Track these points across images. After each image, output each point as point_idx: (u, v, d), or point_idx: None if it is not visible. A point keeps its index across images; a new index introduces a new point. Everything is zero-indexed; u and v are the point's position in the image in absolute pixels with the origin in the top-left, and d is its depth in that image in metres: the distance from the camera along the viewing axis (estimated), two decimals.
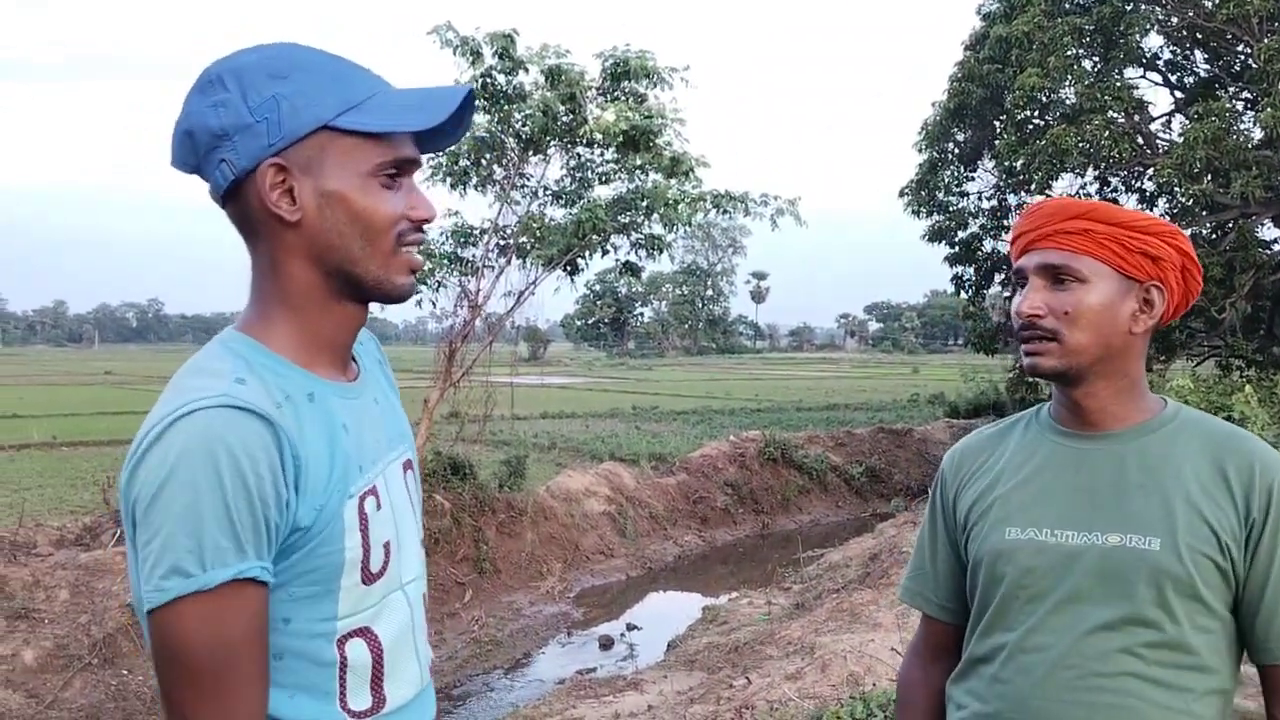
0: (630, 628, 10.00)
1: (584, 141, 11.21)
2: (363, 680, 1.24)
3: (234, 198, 1.22)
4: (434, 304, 11.42)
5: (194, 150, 1.21)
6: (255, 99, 1.17)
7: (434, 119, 1.22)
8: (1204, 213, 15.66)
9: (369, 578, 1.23)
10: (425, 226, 1.28)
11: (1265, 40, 14.57)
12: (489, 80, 10.65)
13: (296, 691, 1.19)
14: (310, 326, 1.24)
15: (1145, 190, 18.80)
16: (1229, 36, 15.93)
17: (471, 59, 10.53)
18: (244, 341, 1.22)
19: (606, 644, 9.42)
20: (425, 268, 10.44)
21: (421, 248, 1.33)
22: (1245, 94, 16.79)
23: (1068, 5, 16.59)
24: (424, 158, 1.32)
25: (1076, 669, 1.46)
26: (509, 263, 11.51)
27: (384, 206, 1.22)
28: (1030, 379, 18.78)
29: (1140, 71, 18.05)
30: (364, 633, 1.24)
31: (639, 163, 11.10)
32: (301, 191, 1.19)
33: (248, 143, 1.17)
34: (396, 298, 1.27)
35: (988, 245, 20.19)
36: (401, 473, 1.35)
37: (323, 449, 1.19)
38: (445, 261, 11.32)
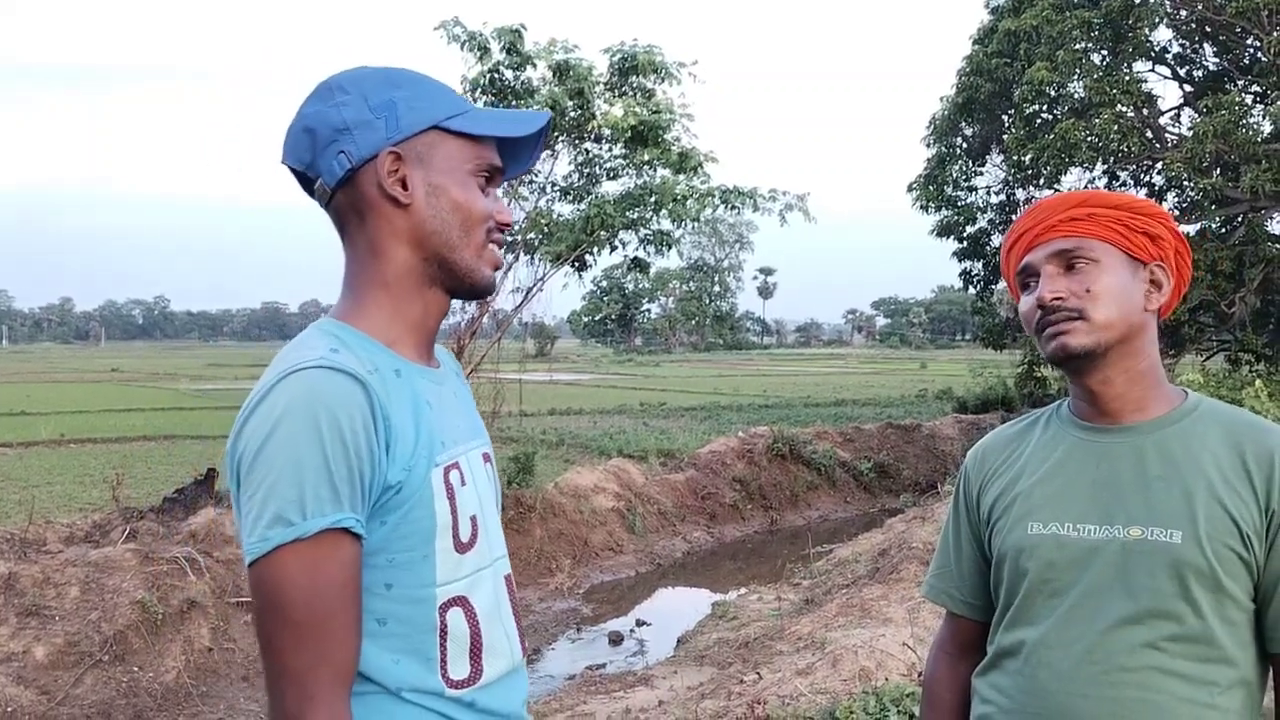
0: (640, 623, 9.99)
1: (592, 137, 11.20)
2: (462, 649, 1.32)
3: (345, 186, 1.34)
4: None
5: (311, 146, 1.34)
6: (375, 100, 1.34)
7: (524, 130, 1.40)
8: (1213, 207, 15.59)
9: (460, 546, 1.32)
10: (506, 229, 1.44)
11: (1275, 34, 14.51)
12: (496, 75, 10.64)
13: (401, 656, 1.27)
14: (401, 309, 1.37)
15: (1154, 184, 18.74)
16: (1238, 30, 15.85)
17: (479, 54, 10.52)
18: (336, 325, 1.34)
19: (616, 640, 9.41)
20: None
21: None
22: (1255, 87, 16.72)
23: None
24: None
25: (1100, 664, 1.45)
26: (517, 259, 11.51)
27: (480, 203, 1.38)
28: (1039, 375, 18.79)
29: (1149, 65, 17.98)
30: (462, 602, 1.32)
31: (647, 158, 11.09)
32: (413, 180, 1.34)
33: (367, 135, 1.32)
34: (482, 288, 1.42)
35: (996, 240, 20.12)
36: (482, 462, 1.45)
37: (408, 417, 1.28)
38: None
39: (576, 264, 11.67)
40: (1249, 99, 16.39)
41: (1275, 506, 1.43)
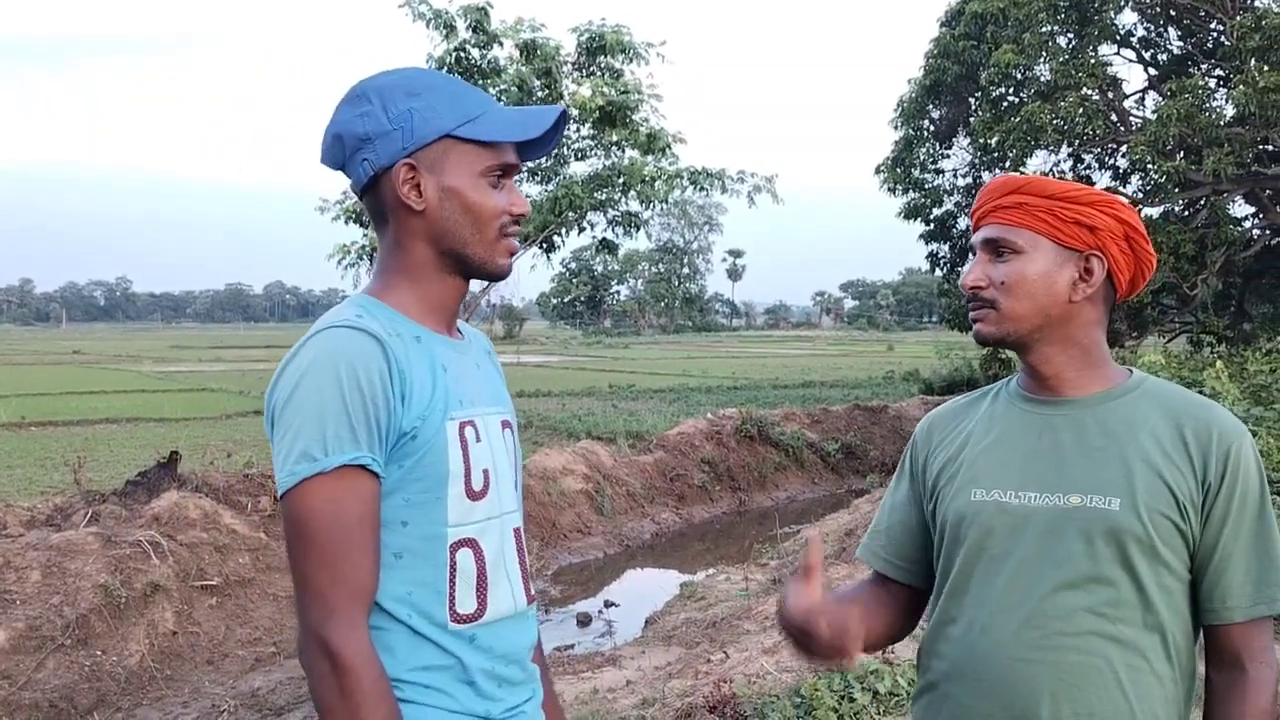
0: (608, 605, 10.00)
1: None
2: (470, 585, 1.47)
3: (371, 190, 1.51)
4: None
5: (341, 151, 1.51)
6: (394, 110, 1.47)
7: (533, 132, 1.51)
8: (1176, 190, 15.74)
9: (472, 494, 1.47)
10: (521, 219, 1.57)
11: (1238, 17, 14.65)
12: (463, 54, 10.57)
13: (414, 588, 1.43)
14: (422, 291, 1.52)
15: (1118, 167, 18.89)
16: (1202, 14, 15.99)
17: (445, 32, 10.44)
18: (365, 299, 1.51)
19: (584, 621, 9.42)
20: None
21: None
22: (1218, 71, 16.88)
23: None
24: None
25: (1041, 629, 1.49)
26: None
27: (490, 202, 1.51)
28: (1003, 356, 18.93)
29: (1114, 48, 18.11)
30: (471, 544, 1.47)
31: (615, 139, 11.07)
32: (426, 186, 1.48)
33: (386, 145, 1.47)
34: (497, 275, 1.56)
35: (963, 222, 20.22)
36: (500, 428, 1.59)
37: (425, 374, 1.44)
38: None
39: (545, 245, 11.64)
40: (1212, 83, 16.55)
41: (1212, 479, 1.47)
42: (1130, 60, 18.58)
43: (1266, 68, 14.01)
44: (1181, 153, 15.43)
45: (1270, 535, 1.49)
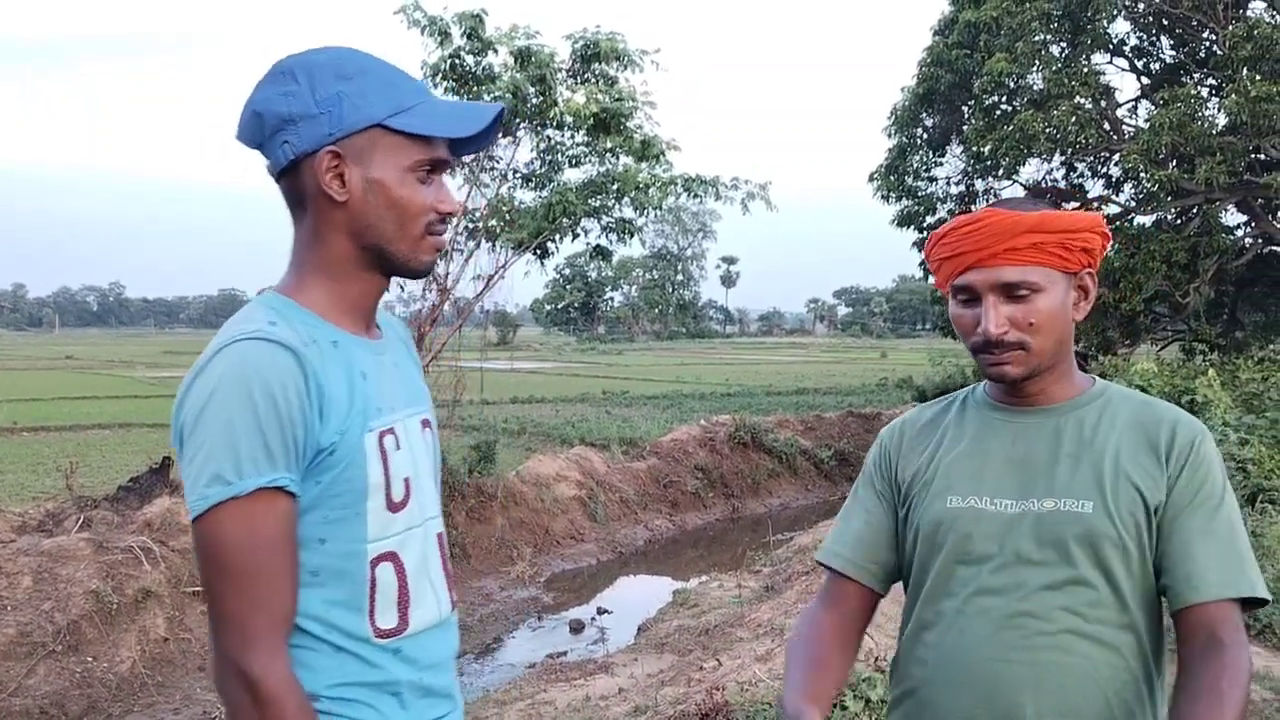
0: (601, 611, 9.99)
1: (554, 124, 11.15)
2: (390, 601, 1.41)
3: (290, 174, 1.41)
4: (402, 288, 11.32)
5: (260, 129, 1.40)
6: (322, 93, 1.37)
7: (468, 129, 1.44)
8: (1169, 198, 15.80)
9: (392, 506, 1.41)
10: (449, 217, 1.48)
11: (1230, 27, 14.71)
12: (457, 61, 10.57)
13: (333, 606, 1.37)
14: (340, 289, 1.44)
15: (1111, 176, 18.95)
16: (1194, 23, 16.06)
17: (440, 39, 10.44)
18: (278, 299, 1.41)
19: (577, 628, 9.41)
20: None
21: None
22: (1210, 80, 16.95)
23: None
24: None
25: (1021, 629, 1.51)
26: (478, 246, 11.45)
27: (418, 197, 1.42)
28: None
29: (1107, 57, 18.18)
30: (391, 558, 1.41)
31: (609, 146, 11.06)
32: (351, 177, 1.38)
33: (310, 129, 1.37)
34: (419, 273, 1.48)
35: None
36: (420, 428, 1.52)
37: (343, 385, 1.37)
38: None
39: (539, 251, 11.63)
40: (1204, 92, 16.61)
41: (1171, 472, 1.51)
42: (1123, 69, 18.66)
43: (1258, 77, 14.08)
44: (1174, 161, 15.48)
45: (1234, 526, 1.51)
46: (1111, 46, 17.94)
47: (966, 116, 18.20)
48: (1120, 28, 17.80)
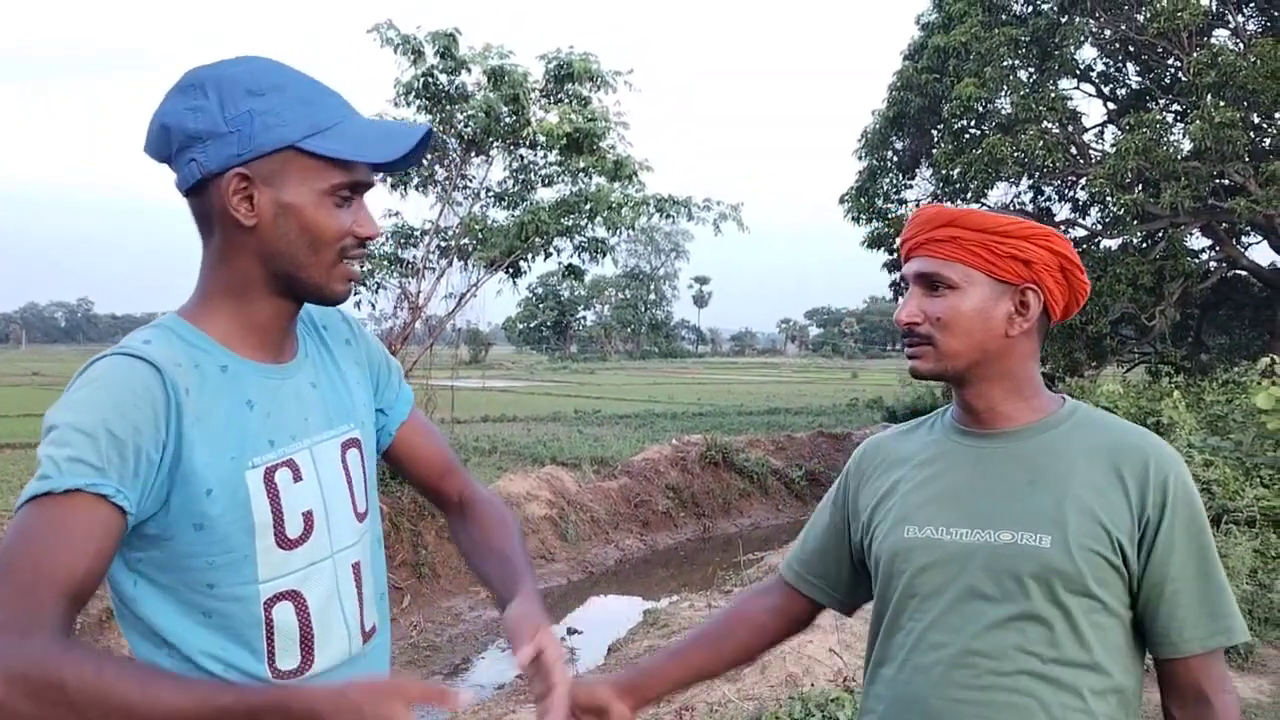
0: (571, 631, 9.96)
1: (527, 143, 11.18)
2: (291, 641, 1.34)
3: (198, 193, 1.33)
4: (373, 305, 11.33)
5: (167, 144, 1.32)
6: (231, 111, 1.28)
7: (391, 154, 1.34)
8: (1135, 222, 16.00)
9: (286, 544, 1.33)
10: (368, 242, 1.39)
11: (1194, 54, 14.95)
12: (430, 80, 10.59)
13: (229, 645, 1.31)
14: (244, 313, 1.36)
15: (1078, 199, 19.18)
16: (1159, 50, 16.31)
17: (413, 58, 10.47)
18: (174, 320, 1.36)
19: None
20: (365, 269, 10.35)
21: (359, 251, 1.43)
22: (1175, 106, 17.21)
23: (1004, 16, 16.88)
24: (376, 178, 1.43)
25: (973, 668, 1.46)
26: (450, 264, 11.44)
27: (333, 223, 1.33)
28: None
29: (1074, 83, 18.43)
30: (291, 596, 1.34)
31: (582, 165, 11.10)
32: (260, 200, 1.30)
33: (218, 149, 1.29)
34: (331, 302, 1.41)
35: None
36: (339, 451, 1.44)
37: (220, 415, 1.30)
38: (385, 263, 11.21)
39: (511, 270, 11.64)
40: (1169, 117, 16.87)
41: (1150, 512, 1.44)
42: (1090, 95, 18.93)
43: (1222, 103, 14.31)
44: (1140, 186, 15.70)
45: (1214, 563, 1.47)
46: (1078, 72, 18.20)
47: (936, 140, 18.38)
48: (1087, 54, 18.08)
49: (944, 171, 17.23)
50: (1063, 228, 18.32)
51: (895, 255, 20.24)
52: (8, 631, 1.09)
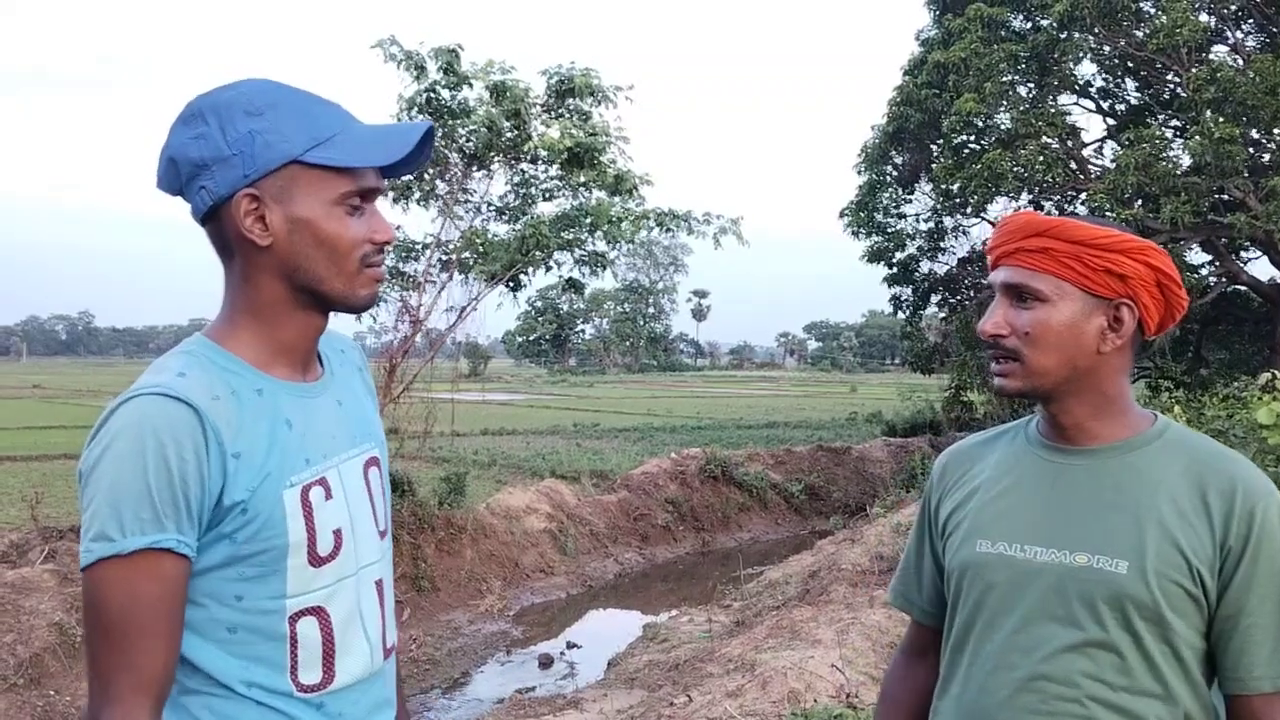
0: (570, 646, 9.95)
1: (528, 158, 11.21)
2: (314, 656, 1.36)
3: (212, 220, 1.35)
4: (374, 319, 11.30)
5: (177, 176, 1.34)
6: (232, 134, 1.30)
7: (393, 155, 1.35)
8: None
9: (317, 561, 1.36)
10: (386, 246, 1.42)
11: (1193, 70, 14.98)
12: (433, 95, 10.62)
13: (250, 661, 1.33)
14: (273, 333, 1.38)
15: (1077, 214, 19.16)
16: (1159, 66, 16.34)
17: (416, 73, 10.50)
18: (203, 344, 1.36)
19: (546, 663, 9.36)
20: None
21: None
22: (1174, 122, 17.24)
23: (1004, 33, 16.92)
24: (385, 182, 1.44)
25: (1040, 692, 1.42)
26: (451, 278, 11.45)
27: (348, 232, 1.35)
28: (965, 399, 19.09)
29: (1073, 98, 18.47)
30: (316, 612, 1.36)
31: (583, 180, 11.13)
32: (273, 218, 1.32)
33: (225, 173, 1.31)
34: (359, 309, 1.42)
35: (925, 266, 20.52)
36: (362, 469, 1.47)
37: (260, 439, 1.32)
38: (386, 276, 11.22)
39: (511, 284, 11.65)
40: (1169, 133, 16.89)
41: (1233, 543, 1.38)
42: (1089, 110, 18.96)
43: (1221, 119, 14.32)
44: (1139, 201, 15.72)
45: None
46: (1078, 88, 18.23)
47: (935, 155, 18.40)
48: (1086, 69, 18.11)
49: (943, 186, 17.26)
50: None
51: (895, 270, 20.31)
52: (116, 709, 1.23)
